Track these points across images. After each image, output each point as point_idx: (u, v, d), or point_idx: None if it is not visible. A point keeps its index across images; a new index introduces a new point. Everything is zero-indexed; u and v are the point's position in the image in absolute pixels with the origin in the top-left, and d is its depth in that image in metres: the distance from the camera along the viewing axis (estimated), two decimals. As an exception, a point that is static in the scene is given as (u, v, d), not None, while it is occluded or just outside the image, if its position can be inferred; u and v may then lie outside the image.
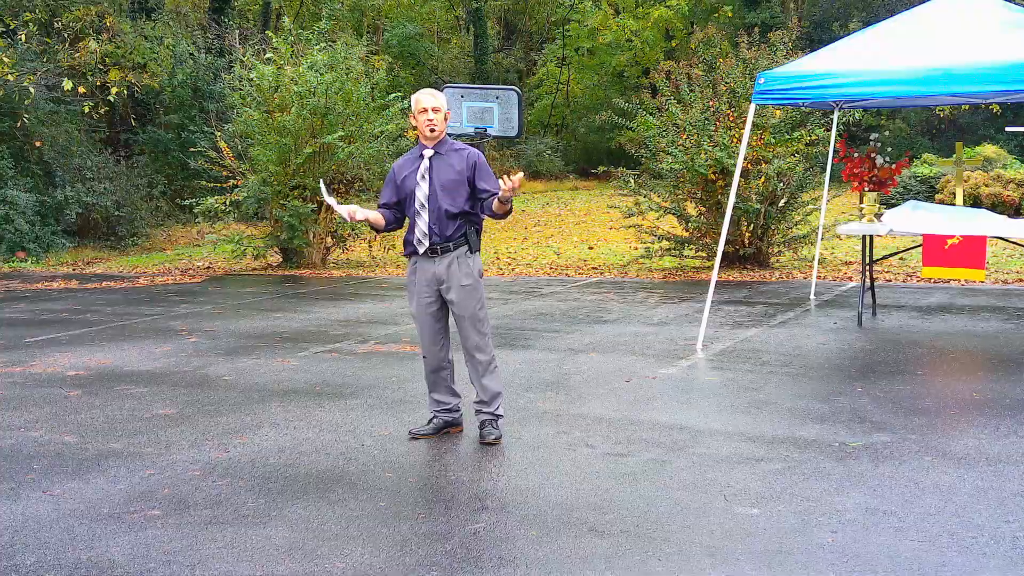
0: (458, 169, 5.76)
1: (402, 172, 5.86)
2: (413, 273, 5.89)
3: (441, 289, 5.82)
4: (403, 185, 5.83)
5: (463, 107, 15.74)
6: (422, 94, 5.81)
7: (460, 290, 5.79)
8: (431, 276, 5.81)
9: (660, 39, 38.83)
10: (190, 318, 11.11)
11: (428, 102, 5.73)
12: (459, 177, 5.76)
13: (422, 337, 5.96)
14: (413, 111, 5.80)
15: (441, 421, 6.03)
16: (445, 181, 5.74)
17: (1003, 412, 6.26)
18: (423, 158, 5.79)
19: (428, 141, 5.78)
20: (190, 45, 26.14)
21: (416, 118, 5.78)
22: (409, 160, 5.89)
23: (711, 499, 4.80)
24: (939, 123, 32.28)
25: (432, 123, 5.72)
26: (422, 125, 5.74)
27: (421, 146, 5.83)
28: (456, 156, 5.80)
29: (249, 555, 4.21)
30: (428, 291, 5.83)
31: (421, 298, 5.85)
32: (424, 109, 5.72)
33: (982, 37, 8.14)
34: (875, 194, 9.68)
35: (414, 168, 5.81)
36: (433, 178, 5.74)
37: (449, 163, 5.77)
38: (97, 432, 6.26)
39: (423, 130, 5.74)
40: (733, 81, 14.17)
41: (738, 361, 8.06)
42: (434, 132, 5.74)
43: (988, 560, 4.01)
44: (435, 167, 5.76)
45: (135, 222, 22.18)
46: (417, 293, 5.86)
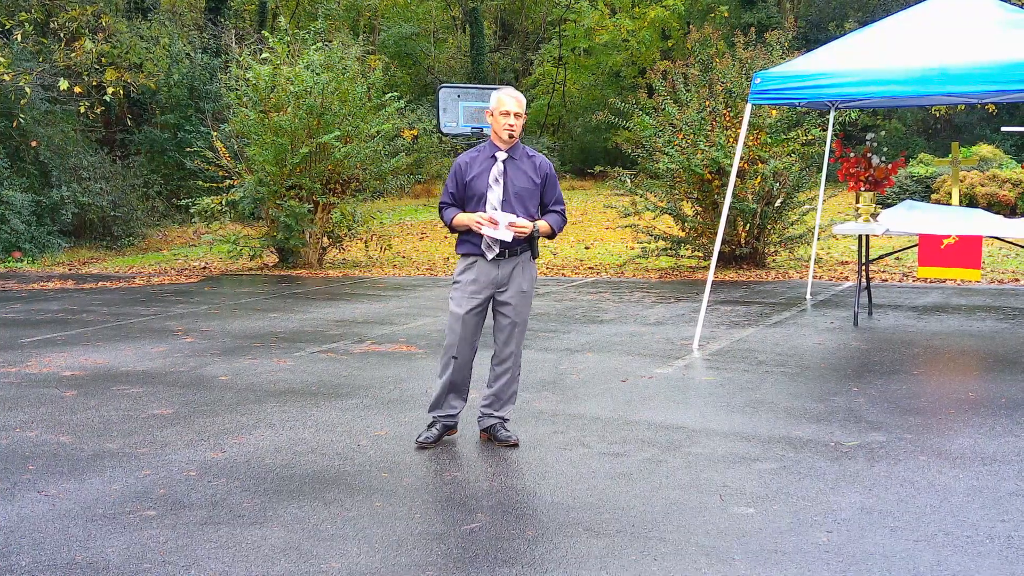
0: (531, 176, 5.65)
1: (471, 171, 5.65)
2: (467, 273, 5.70)
3: (497, 292, 5.68)
4: (471, 184, 5.63)
5: (459, 107, 15.73)
6: (507, 97, 5.60)
7: (520, 295, 5.70)
8: (490, 279, 5.66)
9: (656, 39, 38.83)
10: (186, 318, 11.10)
11: (512, 106, 5.56)
12: (533, 186, 5.66)
13: (459, 338, 5.70)
14: (493, 110, 5.62)
15: (442, 426, 5.88)
16: (520, 188, 5.61)
17: (998, 412, 6.27)
18: (495, 160, 5.62)
19: (503, 144, 5.63)
20: (186, 45, 26.11)
21: (495, 118, 5.60)
22: (478, 159, 5.68)
23: (707, 499, 4.80)
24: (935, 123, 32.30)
25: (512, 128, 5.57)
26: (501, 128, 5.57)
27: (492, 146, 5.65)
28: (529, 163, 5.68)
29: (245, 555, 4.21)
30: (482, 294, 5.66)
31: (473, 300, 5.66)
32: (507, 112, 5.55)
33: (978, 37, 8.15)
34: (871, 194, 9.68)
35: (485, 169, 5.63)
36: (508, 184, 5.60)
37: (523, 169, 5.65)
38: (93, 432, 6.25)
39: (500, 133, 5.58)
40: (729, 81, 14.18)
41: (734, 361, 8.06)
42: (512, 137, 5.60)
43: (983, 559, 4.02)
44: (509, 172, 5.61)
45: (131, 222, 22.16)
46: (469, 295, 5.66)
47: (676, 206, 14.56)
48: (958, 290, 11.87)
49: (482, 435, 5.94)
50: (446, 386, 5.80)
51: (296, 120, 15.51)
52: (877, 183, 9.74)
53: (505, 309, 5.71)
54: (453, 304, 5.72)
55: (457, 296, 5.71)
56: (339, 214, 16.54)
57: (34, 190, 20.28)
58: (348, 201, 16.70)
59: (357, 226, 16.89)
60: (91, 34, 21.55)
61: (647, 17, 37.97)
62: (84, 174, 21.41)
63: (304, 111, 15.55)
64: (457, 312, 5.69)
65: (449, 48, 44.34)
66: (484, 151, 5.68)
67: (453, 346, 5.72)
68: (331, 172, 16.21)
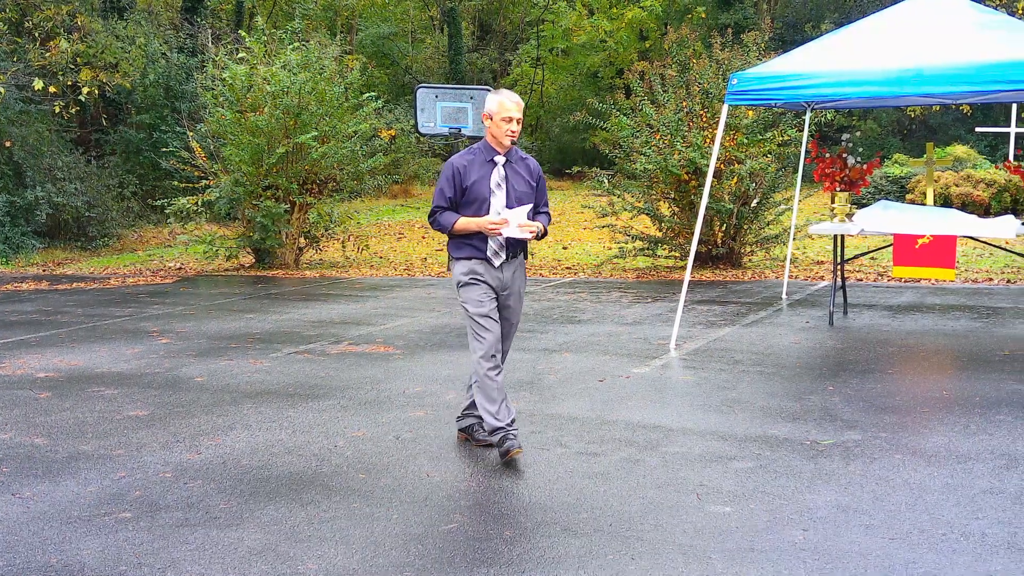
0: (527, 179, 5.57)
1: (470, 175, 5.47)
2: (477, 274, 5.52)
3: (501, 295, 5.59)
4: (472, 190, 5.45)
5: (437, 107, 15.71)
6: (509, 102, 5.44)
7: (518, 297, 5.66)
8: (497, 282, 5.56)
9: (634, 40, 38.92)
10: (161, 319, 11.04)
11: (514, 111, 5.43)
12: (530, 189, 5.58)
13: (492, 336, 5.49)
14: (492, 113, 5.46)
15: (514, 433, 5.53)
16: (520, 193, 5.51)
17: (972, 410, 6.32)
18: (495, 164, 5.49)
19: (501, 148, 5.50)
20: (162, 45, 25.96)
21: (495, 123, 5.45)
22: (476, 164, 5.50)
23: (684, 498, 4.81)
24: (910, 123, 32.52)
25: (514, 134, 5.46)
26: (502, 133, 5.44)
27: (490, 150, 5.51)
28: (524, 166, 5.60)
29: (221, 557, 4.19)
30: (491, 293, 5.54)
31: (488, 294, 5.52)
32: (509, 119, 5.42)
33: (954, 38, 8.22)
34: (846, 194, 9.74)
35: (485, 174, 5.48)
36: (510, 189, 5.49)
37: (519, 172, 5.55)
38: (67, 434, 6.21)
39: (502, 139, 5.45)
40: (706, 82, 14.23)
41: (711, 360, 8.09)
42: (513, 143, 5.52)
43: (958, 556, 4.04)
44: (510, 176, 5.51)
45: (106, 223, 22.01)
46: (484, 291, 5.52)
47: (653, 206, 14.60)
48: (933, 289, 11.95)
49: (460, 435, 5.92)
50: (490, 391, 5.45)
51: (273, 120, 15.45)
52: (852, 183, 9.80)
53: (506, 312, 5.64)
54: (473, 305, 5.51)
55: (474, 295, 5.51)
56: (316, 214, 16.49)
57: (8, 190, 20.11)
58: (325, 201, 16.66)
59: (334, 226, 16.85)
60: (66, 33, 21.40)
61: (625, 18, 38.05)
62: (59, 174, 21.25)
63: (281, 111, 15.49)
64: (482, 310, 5.49)
65: (427, 48, 44.29)
66: (479, 154, 5.53)
67: (491, 346, 5.47)
68: (308, 172, 16.16)
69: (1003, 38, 8.17)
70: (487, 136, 5.55)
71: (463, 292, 5.57)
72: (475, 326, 5.51)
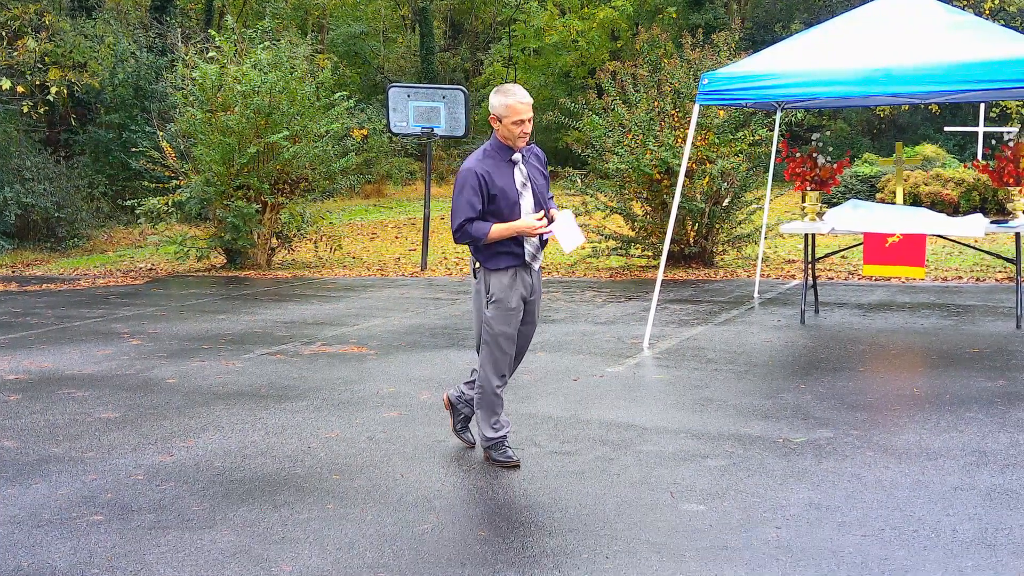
0: (541, 171, 5.44)
1: (495, 180, 5.20)
2: (510, 287, 5.30)
3: (528, 300, 5.41)
4: (502, 194, 5.20)
5: (410, 107, 15.69)
6: (519, 104, 5.18)
7: (540, 297, 5.53)
8: (528, 287, 5.38)
9: (605, 40, 39.00)
10: (132, 320, 10.96)
11: (526, 112, 5.18)
12: (545, 180, 5.46)
13: (508, 356, 5.38)
14: (501, 116, 5.20)
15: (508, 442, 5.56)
16: (540, 187, 5.37)
17: (943, 407, 6.37)
18: (514, 163, 5.28)
19: (518, 148, 5.28)
20: (131, 44, 25.75)
21: (507, 126, 5.20)
22: (495, 165, 5.24)
23: (658, 496, 4.83)
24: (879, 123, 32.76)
25: (526, 135, 5.24)
26: (515, 134, 5.19)
27: (505, 149, 5.27)
28: (534, 158, 5.42)
29: (194, 560, 4.16)
30: (521, 304, 5.37)
31: (519, 311, 5.34)
32: (521, 121, 5.17)
33: (923, 38, 8.29)
34: (817, 193, 9.80)
35: (508, 176, 5.25)
36: (534, 187, 5.31)
37: (535, 166, 5.39)
38: (38, 436, 6.16)
39: (514, 139, 5.21)
40: (677, 82, 14.28)
41: (684, 359, 8.12)
42: (527, 143, 5.34)
43: (929, 553, 4.08)
44: (530, 174, 5.34)
45: (76, 223, 21.81)
46: (516, 307, 5.32)
47: (626, 206, 14.63)
48: (903, 288, 12.04)
49: (445, 401, 5.81)
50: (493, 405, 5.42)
51: (243, 120, 15.37)
52: (823, 182, 9.86)
53: (529, 317, 5.48)
54: (501, 324, 5.30)
55: (504, 315, 5.30)
56: (288, 214, 16.42)
57: (-25, 191, 19.90)
58: (297, 201, 16.59)
59: (306, 226, 16.77)
60: (34, 33, 21.19)
61: (596, 18, 38.14)
62: (27, 175, 21.04)
63: (252, 110, 15.41)
64: (509, 332, 5.32)
65: (399, 48, 44.22)
66: (495, 155, 5.27)
67: (506, 366, 5.40)
68: (279, 172, 16.09)
69: (971, 38, 8.25)
70: (497, 135, 5.29)
71: (494, 307, 5.30)
72: (496, 344, 5.33)
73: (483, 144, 5.40)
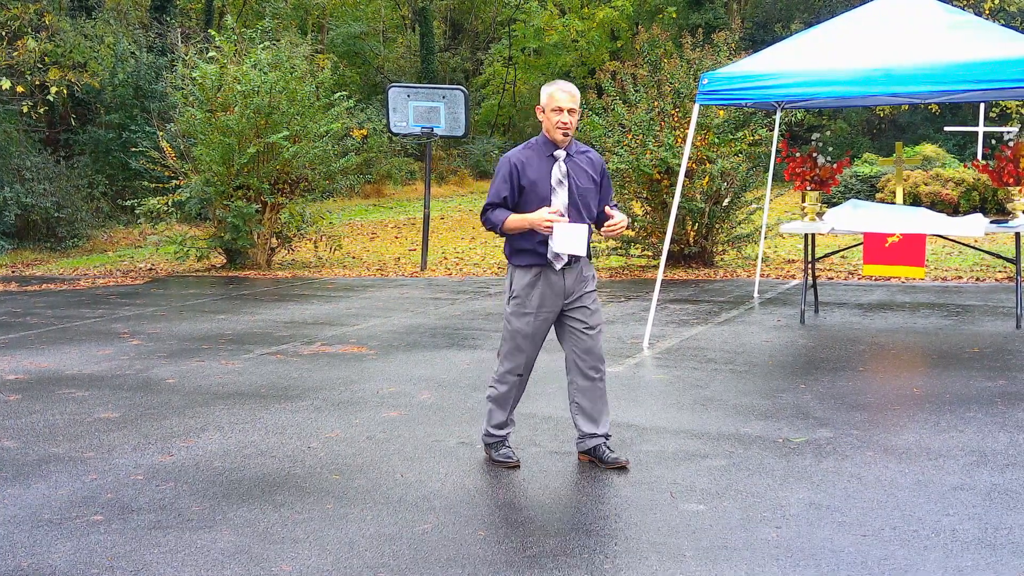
0: (590, 174, 5.22)
1: (528, 172, 5.13)
2: (532, 286, 5.19)
3: (567, 304, 5.24)
4: (532, 187, 5.12)
5: (409, 107, 15.69)
6: (560, 92, 5.11)
7: (591, 299, 5.29)
8: (559, 290, 5.20)
9: (605, 39, 39.04)
10: (132, 320, 10.96)
11: (566, 102, 5.08)
12: (593, 185, 5.23)
13: (524, 355, 5.29)
14: (544, 105, 5.15)
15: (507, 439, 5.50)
16: (583, 190, 5.17)
17: (943, 407, 6.37)
18: (555, 159, 5.15)
19: (559, 141, 5.16)
20: (131, 44, 25.75)
21: (547, 115, 5.13)
22: (534, 158, 5.17)
23: (657, 496, 4.83)
24: (879, 123, 32.78)
25: (567, 127, 5.09)
26: (553, 126, 5.10)
27: (547, 144, 5.17)
28: (586, 160, 5.24)
29: (193, 560, 4.16)
30: (551, 306, 5.22)
31: (541, 312, 5.20)
32: (560, 109, 5.07)
33: (922, 38, 8.29)
34: (817, 193, 9.80)
35: (544, 170, 5.14)
36: (572, 186, 5.14)
37: (582, 168, 5.20)
38: (38, 437, 6.16)
39: (554, 132, 5.11)
40: (677, 81, 14.28)
41: (684, 359, 8.12)
42: (567, 136, 5.13)
43: (929, 553, 4.08)
44: (571, 172, 5.15)
45: (75, 223, 21.80)
46: (536, 307, 5.19)
47: (626, 206, 14.63)
48: (902, 287, 12.04)
49: (582, 457, 5.44)
50: (504, 403, 5.40)
51: (243, 119, 15.36)
52: (823, 182, 9.86)
53: (581, 315, 5.26)
54: (518, 321, 5.23)
55: (523, 313, 5.22)
56: (288, 214, 16.42)
57: (-25, 191, 19.89)
58: (297, 201, 16.59)
59: (306, 226, 16.77)
60: (34, 33, 21.19)
61: (596, 18, 38.17)
62: (27, 175, 21.03)
63: (252, 110, 15.41)
64: (525, 331, 5.23)
65: (398, 48, 44.23)
66: (538, 149, 5.19)
67: (519, 366, 5.31)
68: (279, 172, 16.08)
69: (971, 38, 8.26)
70: (543, 128, 5.22)
71: (513, 304, 5.25)
72: (511, 342, 5.28)
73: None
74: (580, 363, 5.32)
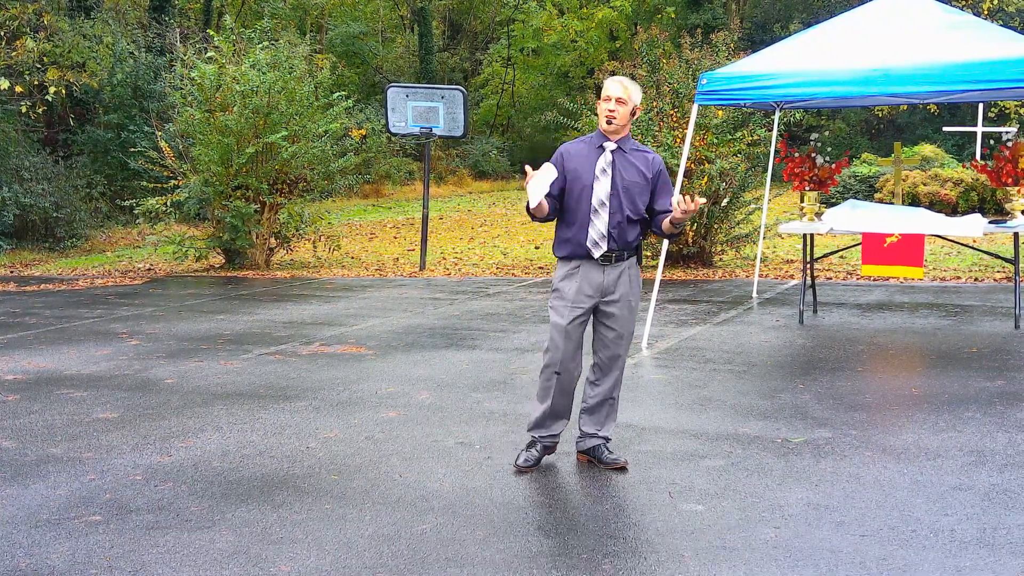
0: (642, 171, 5.20)
1: (573, 159, 5.20)
2: (570, 279, 5.21)
3: (602, 301, 5.21)
4: (573, 172, 5.17)
5: (408, 107, 15.68)
6: (611, 81, 5.17)
7: (626, 305, 5.25)
8: (596, 286, 5.18)
9: (604, 40, 39.04)
10: (131, 321, 10.96)
11: (614, 91, 5.13)
12: (643, 180, 5.19)
13: (562, 351, 5.21)
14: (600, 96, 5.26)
15: (543, 447, 5.38)
16: (630, 182, 5.16)
17: (941, 407, 6.38)
18: (603, 150, 5.18)
19: (608, 133, 5.19)
20: (130, 44, 25.73)
21: (600, 104, 5.22)
22: (583, 148, 5.24)
23: (656, 496, 4.83)
24: (878, 123, 32.79)
25: (612, 114, 5.12)
26: (601, 114, 5.17)
27: (600, 136, 5.21)
28: (640, 157, 5.24)
29: (192, 560, 4.16)
30: (586, 301, 5.19)
31: (576, 309, 5.17)
32: (608, 98, 5.13)
33: (921, 38, 8.30)
34: (815, 193, 9.80)
35: (591, 159, 5.18)
36: (616, 176, 5.14)
37: (632, 162, 5.19)
38: (36, 437, 6.15)
39: (600, 120, 5.18)
40: (676, 82, 14.28)
41: (682, 359, 8.12)
42: (611, 124, 5.13)
43: (928, 553, 4.08)
44: (618, 163, 5.16)
45: (74, 223, 21.79)
46: (572, 301, 5.18)
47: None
48: (901, 288, 12.05)
49: (580, 457, 5.47)
50: (548, 409, 5.30)
51: (242, 119, 15.35)
52: (821, 182, 9.86)
53: (610, 321, 5.25)
54: (555, 314, 5.23)
55: (559, 305, 5.22)
56: (287, 214, 16.40)
57: (-27, 191, 19.88)
58: (296, 201, 16.57)
59: (305, 226, 16.75)
60: (32, 33, 21.18)
61: (595, 18, 38.18)
62: (26, 175, 21.02)
63: (250, 110, 15.39)
64: (560, 323, 5.19)
65: (397, 48, 44.24)
66: (591, 141, 5.26)
67: (557, 362, 5.23)
68: (278, 172, 16.07)
69: (969, 38, 8.26)
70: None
71: (553, 297, 5.28)
72: (550, 337, 5.26)
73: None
74: (601, 365, 5.34)
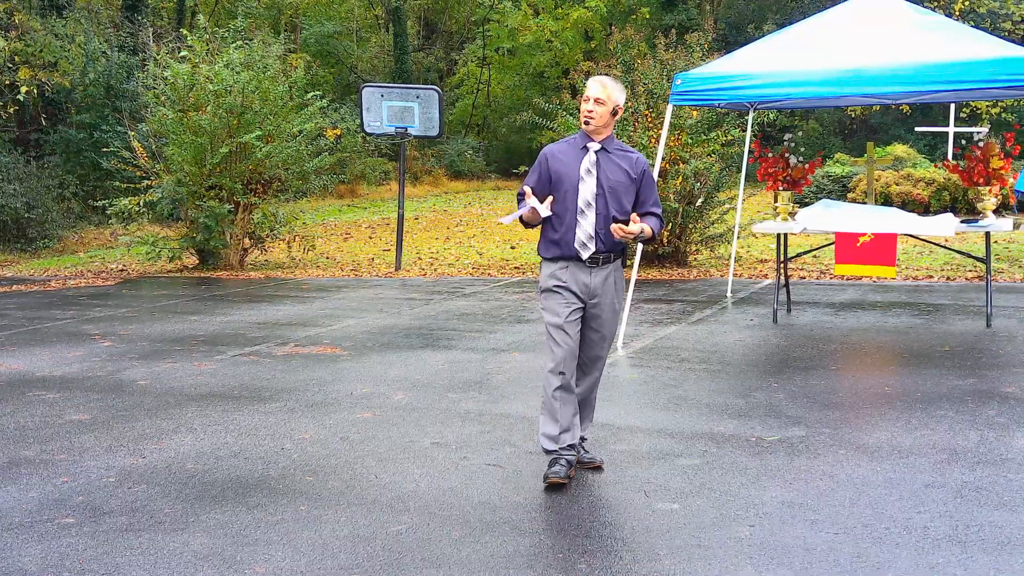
0: (627, 171, 5.17)
1: (557, 161, 5.17)
2: (558, 279, 5.14)
3: (589, 303, 5.16)
4: (558, 173, 5.14)
5: (383, 106, 15.65)
6: (591, 81, 5.17)
7: (610, 308, 5.21)
8: (582, 286, 5.13)
9: (579, 40, 39.07)
10: (103, 322, 10.88)
11: (593, 91, 5.11)
12: (628, 181, 5.17)
13: (563, 351, 5.09)
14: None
15: (567, 461, 5.09)
16: (615, 182, 5.13)
17: (914, 405, 6.42)
18: (587, 151, 5.15)
19: (590, 134, 5.17)
20: (102, 43, 25.57)
21: (580, 104, 5.22)
22: (567, 149, 5.21)
23: (632, 495, 4.84)
24: (851, 123, 32.99)
25: (590, 115, 5.10)
26: (582, 111, 5.16)
27: (583, 137, 5.19)
28: (625, 157, 5.20)
29: (166, 562, 4.14)
30: (577, 301, 5.13)
31: (570, 306, 5.11)
32: (587, 98, 5.12)
33: (893, 39, 8.35)
34: (789, 193, 9.86)
35: (575, 160, 5.15)
36: (601, 176, 5.12)
37: (617, 163, 5.16)
38: (8, 439, 6.10)
39: (581, 121, 5.17)
40: (651, 82, 14.32)
41: (657, 358, 8.14)
42: (589, 125, 5.11)
43: (901, 550, 4.11)
44: (603, 164, 5.14)
45: (46, 224, 21.63)
46: (565, 300, 5.12)
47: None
48: (874, 287, 12.13)
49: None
50: (550, 407, 5.12)
51: (216, 119, 15.28)
52: (795, 182, 9.92)
53: (595, 323, 5.19)
54: (549, 314, 5.16)
55: (552, 304, 5.16)
56: (261, 215, 16.34)
57: (-56, 192, 19.71)
58: (270, 201, 16.51)
59: (279, 227, 16.69)
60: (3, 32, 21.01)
61: (570, 18, 38.20)
62: (-4, 175, 20.86)
63: (224, 110, 15.33)
64: (556, 321, 5.11)
65: (372, 47, 44.12)
66: (575, 142, 5.24)
67: (561, 361, 5.09)
68: (252, 172, 16.00)
69: (941, 39, 8.33)
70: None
71: (543, 298, 5.23)
72: (548, 336, 5.17)
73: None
74: (581, 365, 5.28)
